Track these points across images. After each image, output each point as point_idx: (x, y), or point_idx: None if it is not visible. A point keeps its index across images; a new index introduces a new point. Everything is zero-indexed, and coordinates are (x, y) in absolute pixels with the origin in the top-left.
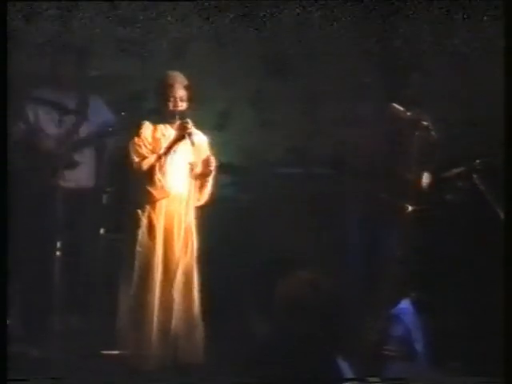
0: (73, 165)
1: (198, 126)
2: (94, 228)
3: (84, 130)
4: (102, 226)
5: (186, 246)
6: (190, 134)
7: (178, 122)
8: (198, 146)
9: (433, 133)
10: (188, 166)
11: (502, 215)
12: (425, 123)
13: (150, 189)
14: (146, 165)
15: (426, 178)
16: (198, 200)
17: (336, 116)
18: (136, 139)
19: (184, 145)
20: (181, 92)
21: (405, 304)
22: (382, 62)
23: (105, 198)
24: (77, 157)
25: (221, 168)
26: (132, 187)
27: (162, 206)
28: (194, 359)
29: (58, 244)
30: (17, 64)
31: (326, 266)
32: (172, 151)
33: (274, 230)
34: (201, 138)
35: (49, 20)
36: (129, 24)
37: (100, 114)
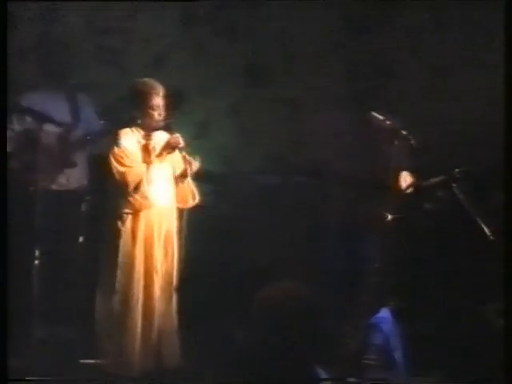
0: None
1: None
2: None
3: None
4: (81, 234)
5: (167, 255)
6: (180, 150)
7: (164, 135)
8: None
9: (412, 142)
10: (171, 176)
11: (481, 223)
12: (404, 132)
13: (132, 199)
14: (131, 175)
15: (405, 183)
16: (183, 203)
17: (315, 125)
18: (116, 149)
19: (169, 156)
20: (158, 101)
21: (384, 313)
22: (362, 70)
23: (84, 206)
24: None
25: (200, 176)
26: (113, 196)
27: (142, 216)
28: (175, 364)
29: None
30: None
31: (305, 275)
32: (157, 162)
33: (252, 238)
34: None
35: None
36: (109, 33)
37: (86, 120)
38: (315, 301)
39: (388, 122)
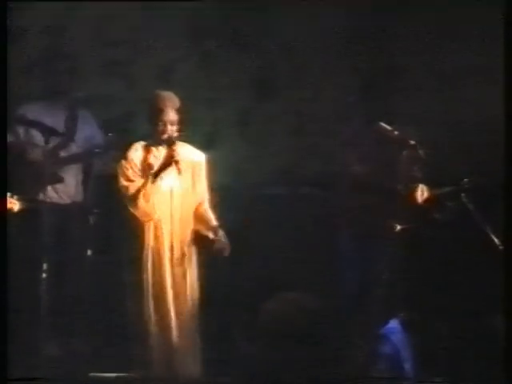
0: (59, 181)
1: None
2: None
3: (71, 149)
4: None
5: (176, 266)
6: (176, 162)
7: (166, 149)
8: (189, 166)
9: (420, 151)
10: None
11: (490, 234)
12: (412, 142)
13: (135, 212)
14: (132, 188)
15: (421, 197)
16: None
17: (324, 136)
18: (123, 162)
19: (172, 169)
20: (172, 115)
21: (393, 323)
22: (370, 81)
23: (92, 219)
24: (63, 174)
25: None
26: (120, 209)
27: (150, 227)
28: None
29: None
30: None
31: (314, 286)
32: (159, 177)
33: (260, 250)
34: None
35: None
36: (116, 45)
37: (89, 132)
38: (324, 312)
39: (396, 133)
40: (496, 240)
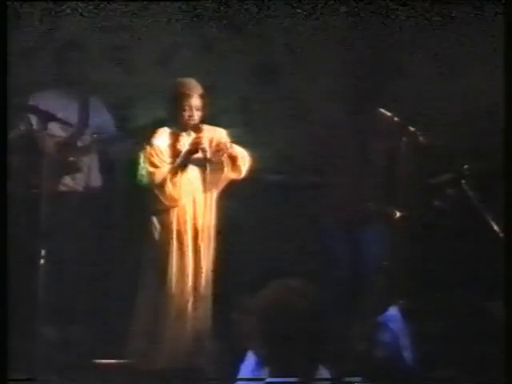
0: (75, 169)
1: None
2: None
3: (84, 136)
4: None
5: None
6: (203, 150)
7: (192, 136)
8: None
9: (421, 138)
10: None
11: (490, 221)
12: (412, 128)
13: (162, 198)
14: (158, 175)
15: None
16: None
17: (323, 123)
18: (148, 148)
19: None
20: (197, 101)
21: (392, 311)
22: (370, 67)
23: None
24: (79, 161)
25: None
26: (142, 194)
27: (174, 213)
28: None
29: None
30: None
31: (312, 273)
32: (186, 163)
33: (259, 238)
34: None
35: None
36: (116, 30)
37: (101, 119)
38: (323, 299)
39: (396, 119)
40: (496, 227)
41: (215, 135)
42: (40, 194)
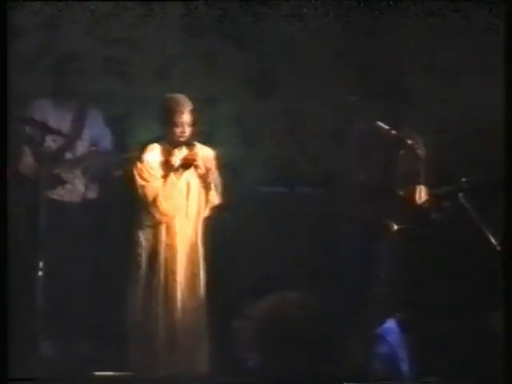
0: (64, 181)
1: None
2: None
3: (77, 148)
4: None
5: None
6: (196, 166)
7: (185, 151)
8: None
9: (418, 151)
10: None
11: (488, 234)
12: (410, 141)
13: (154, 212)
14: (150, 189)
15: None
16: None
17: (322, 135)
18: (138, 164)
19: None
20: (188, 117)
21: (390, 323)
22: (369, 79)
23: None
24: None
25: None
26: (132, 208)
27: (163, 227)
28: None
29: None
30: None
31: (311, 285)
32: (179, 178)
33: (259, 250)
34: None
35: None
36: (114, 42)
37: (97, 131)
38: (322, 311)
39: (393, 132)
40: (494, 240)
41: (204, 154)
42: (36, 206)
